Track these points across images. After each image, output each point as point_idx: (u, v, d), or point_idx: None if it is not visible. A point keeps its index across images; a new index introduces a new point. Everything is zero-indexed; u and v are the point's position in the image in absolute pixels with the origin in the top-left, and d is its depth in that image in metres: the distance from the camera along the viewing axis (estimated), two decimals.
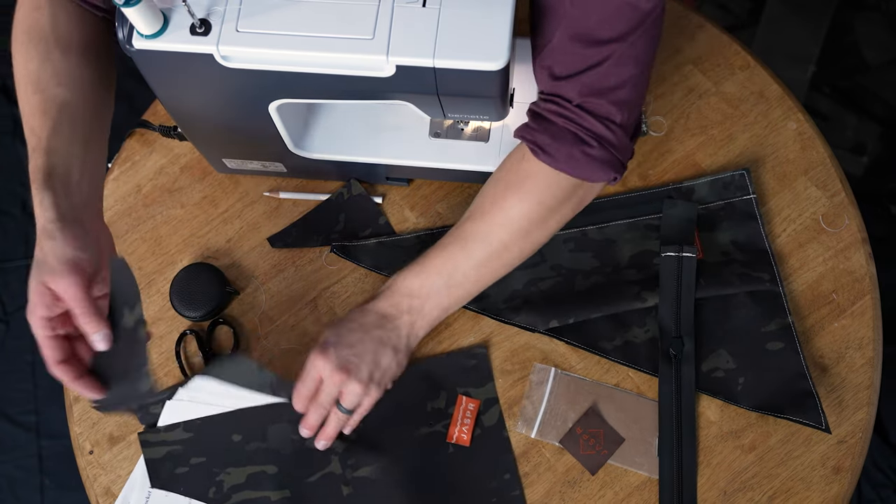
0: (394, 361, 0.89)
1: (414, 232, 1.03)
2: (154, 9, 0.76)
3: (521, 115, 0.98)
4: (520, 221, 0.87)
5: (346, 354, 0.86)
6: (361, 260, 1.02)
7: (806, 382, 0.94)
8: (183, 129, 0.95)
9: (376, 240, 1.02)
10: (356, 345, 0.87)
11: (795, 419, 0.93)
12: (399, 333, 0.89)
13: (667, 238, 0.99)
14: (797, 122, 1.06)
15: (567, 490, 0.94)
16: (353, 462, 0.94)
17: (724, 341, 0.97)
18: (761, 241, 1.00)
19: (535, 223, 0.88)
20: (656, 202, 1.02)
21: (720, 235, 1.01)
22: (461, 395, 0.96)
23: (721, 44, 1.09)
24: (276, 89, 0.84)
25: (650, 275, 0.99)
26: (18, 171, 1.88)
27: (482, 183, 1.02)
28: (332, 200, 1.05)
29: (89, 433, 0.99)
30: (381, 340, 0.88)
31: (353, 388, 0.86)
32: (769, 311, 0.97)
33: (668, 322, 0.96)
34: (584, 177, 0.84)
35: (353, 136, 1.00)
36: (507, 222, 0.87)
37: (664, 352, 0.96)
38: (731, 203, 1.02)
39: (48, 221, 0.75)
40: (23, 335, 1.78)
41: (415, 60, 0.76)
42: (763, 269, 0.98)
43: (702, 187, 1.02)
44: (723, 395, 0.95)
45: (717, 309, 0.97)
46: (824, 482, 0.93)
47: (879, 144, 1.83)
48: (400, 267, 0.92)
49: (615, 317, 0.98)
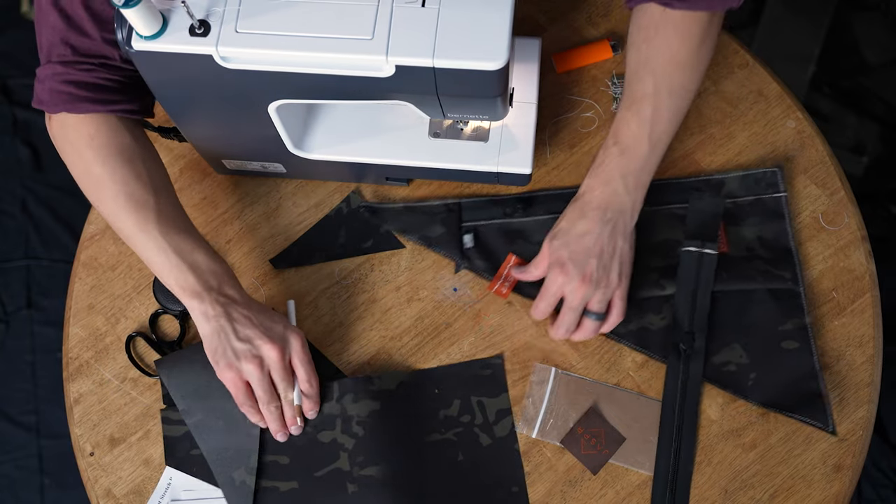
0: (626, 245, 0.93)
1: (442, 199, 1.03)
2: (153, 10, 0.76)
3: (520, 114, 0.98)
4: (678, 62, 0.90)
5: (582, 262, 0.92)
6: (388, 222, 1.03)
7: (816, 384, 0.95)
8: (182, 130, 0.95)
9: (404, 204, 1.03)
10: (591, 248, 0.92)
11: (802, 419, 0.94)
12: (625, 218, 0.93)
13: (691, 231, 1.00)
14: (796, 121, 1.06)
15: (568, 490, 0.94)
16: (361, 460, 0.94)
17: (738, 336, 0.97)
18: (787, 239, 1.00)
19: (690, 61, 0.90)
20: (684, 192, 1.02)
21: (746, 231, 1.01)
22: (511, 253, 1.00)
23: (720, 43, 1.09)
24: (275, 90, 0.83)
25: (672, 263, 0.99)
26: (18, 171, 1.88)
27: (482, 183, 1.03)
28: (331, 216, 1.05)
29: (90, 435, 0.99)
30: (611, 234, 0.92)
31: (600, 295, 0.93)
32: (787, 310, 0.97)
33: (682, 316, 0.97)
34: (721, 8, 0.86)
35: (353, 136, 1.00)
36: (676, 68, 0.90)
37: (674, 344, 0.96)
38: (761, 199, 1.02)
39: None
40: (23, 335, 1.78)
41: (414, 60, 0.76)
42: (785, 268, 0.99)
43: (732, 181, 1.02)
44: (732, 389, 0.95)
45: (736, 303, 0.98)
46: (825, 480, 0.94)
47: (879, 144, 1.83)
48: (425, 231, 0.99)
49: (633, 302, 0.98)
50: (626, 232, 0.93)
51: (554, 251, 0.93)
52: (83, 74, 0.85)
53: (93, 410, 0.99)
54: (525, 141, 0.98)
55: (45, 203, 1.86)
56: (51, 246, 1.84)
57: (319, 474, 0.94)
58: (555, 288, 0.93)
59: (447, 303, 1.01)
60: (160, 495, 0.96)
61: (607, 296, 0.94)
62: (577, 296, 0.92)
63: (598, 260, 0.92)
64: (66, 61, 0.85)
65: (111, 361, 1.01)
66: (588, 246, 0.92)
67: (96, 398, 1.00)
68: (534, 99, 0.99)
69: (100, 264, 1.05)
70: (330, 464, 0.94)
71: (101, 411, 0.99)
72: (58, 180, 1.87)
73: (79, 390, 1.00)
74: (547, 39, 1.09)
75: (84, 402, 1.00)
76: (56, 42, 0.84)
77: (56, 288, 1.81)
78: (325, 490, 0.94)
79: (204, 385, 0.94)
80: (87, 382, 1.00)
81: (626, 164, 0.92)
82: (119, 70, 0.87)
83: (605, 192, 0.93)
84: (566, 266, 0.92)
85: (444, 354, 0.99)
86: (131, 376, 1.00)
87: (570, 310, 0.93)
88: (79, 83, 0.85)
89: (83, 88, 0.85)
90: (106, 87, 0.87)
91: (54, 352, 1.77)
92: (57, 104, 0.86)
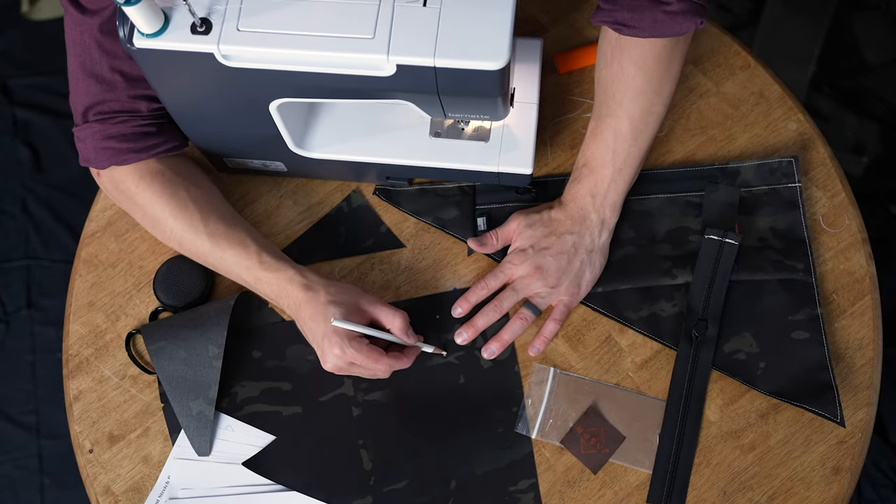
0: (588, 264, 0.97)
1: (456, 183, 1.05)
2: (155, 8, 0.76)
3: (521, 114, 0.98)
4: (643, 89, 0.92)
5: (541, 256, 0.95)
6: (403, 204, 1.04)
7: (827, 375, 0.95)
8: (183, 128, 0.95)
9: (419, 186, 1.04)
10: (554, 248, 0.96)
11: (811, 409, 0.94)
12: (592, 235, 0.96)
13: (708, 221, 1.00)
14: (797, 123, 1.06)
15: (567, 490, 0.94)
16: (365, 385, 0.97)
17: (749, 325, 0.97)
18: (801, 230, 1.00)
19: (649, 87, 0.92)
20: (699, 180, 1.03)
21: (760, 220, 1.01)
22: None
23: (721, 44, 1.09)
24: (276, 88, 0.84)
25: (684, 252, 1.00)
26: (18, 171, 1.88)
27: (482, 183, 1.03)
28: (332, 215, 1.05)
29: (89, 432, 0.99)
30: (575, 245, 0.96)
31: (544, 292, 0.96)
32: (799, 300, 0.98)
33: (697, 303, 0.97)
34: (674, 34, 0.87)
35: (354, 135, 1.00)
36: (634, 94, 0.92)
37: (687, 331, 0.97)
38: (776, 189, 1.02)
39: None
40: (23, 335, 1.78)
41: (415, 60, 0.76)
42: (798, 258, 0.99)
43: (748, 170, 1.03)
44: (741, 377, 0.96)
45: (747, 293, 0.98)
46: (824, 482, 0.93)
47: (879, 144, 1.83)
48: (439, 213, 1.01)
49: (644, 289, 0.99)
50: (591, 248, 0.97)
51: (524, 239, 0.97)
52: (121, 126, 0.91)
53: (92, 407, 0.99)
54: (526, 141, 0.98)
55: (45, 203, 1.86)
56: (51, 246, 1.84)
57: (324, 399, 0.97)
58: (509, 270, 0.97)
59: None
60: (158, 494, 0.96)
61: (552, 296, 0.97)
62: (524, 282, 0.96)
63: (555, 261, 0.96)
64: (102, 119, 0.91)
65: (111, 358, 1.01)
66: (552, 245, 0.96)
67: (96, 395, 1.00)
68: (535, 99, 0.99)
69: (100, 262, 1.05)
70: (334, 389, 0.97)
71: (101, 408, 0.99)
72: (58, 180, 1.87)
73: (78, 387, 1.00)
74: (549, 40, 1.09)
75: (84, 399, 1.00)
76: (90, 104, 0.90)
77: (56, 288, 1.81)
78: (329, 413, 0.97)
79: (175, 319, 0.98)
80: (87, 379, 1.00)
81: (593, 184, 0.96)
82: (150, 116, 0.92)
83: (574, 207, 0.97)
84: (527, 252, 0.97)
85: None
86: (131, 373, 1.00)
87: (511, 290, 0.97)
88: (119, 136, 0.91)
89: (124, 140, 0.91)
90: (144, 133, 0.92)
91: (54, 352, 1.77)
92: (103, 160, 0.92)
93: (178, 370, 0.96)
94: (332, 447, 0.96)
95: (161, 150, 0.94)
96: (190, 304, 1.00)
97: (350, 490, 0.95)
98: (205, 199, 0.96)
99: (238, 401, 0.98)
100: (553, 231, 0.96)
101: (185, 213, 0.94)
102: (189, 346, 0.96)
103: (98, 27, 0.84)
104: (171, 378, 0.96)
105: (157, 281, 1.01)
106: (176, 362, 0.96)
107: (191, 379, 0.96)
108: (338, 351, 0.88)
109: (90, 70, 0.87)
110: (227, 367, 0.98)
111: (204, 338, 0.96)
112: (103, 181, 0.97)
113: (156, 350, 0.96)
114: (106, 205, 1.07)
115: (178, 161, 0.99)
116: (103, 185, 0.98)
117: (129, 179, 0.94)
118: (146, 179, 0.94)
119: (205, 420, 0.95)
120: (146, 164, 0.94)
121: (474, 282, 1.01)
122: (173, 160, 0.97)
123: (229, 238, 0.94)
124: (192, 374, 0.96)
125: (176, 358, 0.96)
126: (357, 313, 0.90)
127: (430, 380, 0.98)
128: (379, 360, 0.89)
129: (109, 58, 0.86)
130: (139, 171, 0.94)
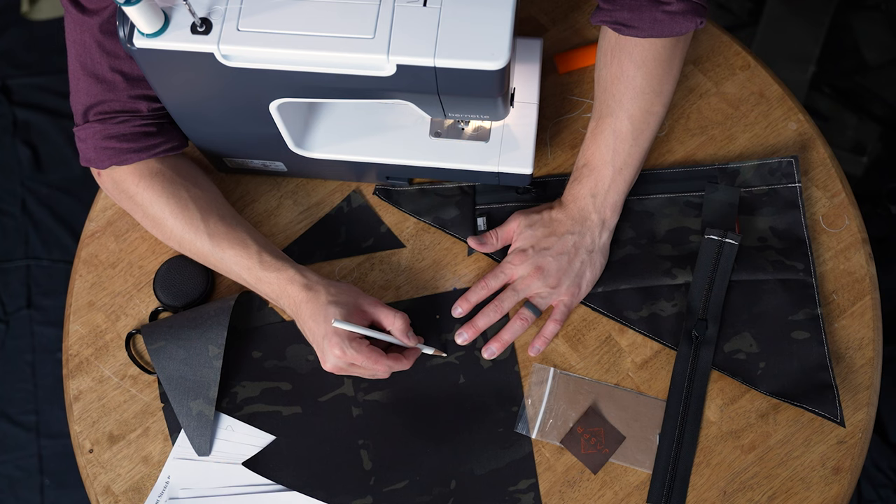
0: (588, 264, 0.96)
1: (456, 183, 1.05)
2: (155, 8, 0.76)
3: (521, 114, 0.99)
4: (643, 89, 0.92)
5: (542, 256, 0.95)
6: (403, 204, 1.04)
7: (827, 374, 0.95)
8: (183, 128, 0.95)
9: (419, 186, 1.04)
10: (555, 248, 0.96)
11: (811, 409, 0.94)
12: (592, 235, 0.96)
13: (708, 221, 1.00)
14: (798, 123, 1.06)
15: (567, 490, 0.94)
16: (365, 386, 0.98)
17: (749, 325, 0.97)
18: (800, 230, 1.01)
19: (649, 87, 0.92)
20: (699, 180, 1.03)
21: (759, 221, 1.01)
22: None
23: (721, 44, 1.09)
24: (276, 88, 0.84)
25: (684, 252, 1.00)
26: (18, 171, 1.88)
27: (482, 182, 1.03)
28: (332, 215, 1.05)
29: (89, 432, 0.99)
30: (575, 245, 0.96)
31: (545, 292, 0.96)
32: (799, 300, 0.98)
33: (697, 303, 0.98)
34: (674, 34, 0.87)
35: (354, 135, 1.00)
36: (634, 94, 0.92)
37: (687, 331, 0.97)
38: (776, 189, 1.02)
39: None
40: (23, 335, 1.78)
41: (415, 60, 0.76)
42: (798, 258, 0.99)
43: (747, 170, 1.03)
44: (741, 377, 0.96)
45: (747, 293, 0.98)
46: (824, 483, 0.94)
47: (879, 144, 1.83)
48: (439, 213, 1.01)
49: (644, 289, 0.99)
50: (592, 248, 0.96)
51: (524, 239, 0.97)
52: (121, 126, 0.91)
53: (92, 407, 0.99)
54: (526, 141, 0.98)
55: (45, 203, 1.86)
56: (51, 246, 1.84)
57: (324, 399, 0.97)
58: (510, 270, 0.97)
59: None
60: (158, 494, 0.96)
61: (552, 297, 0.96)
62: (524, 282, 0.96)
63: (556, 261, 0.95)
64: (102, 119, 0.91)
65: (111, 358, 1.01)
66: (553, 245, 0.96)
67: (96, 395, 1.00)
68: (535, 99, 0.99)
69: (100, 261, 1.05)
70: (334, 390, 0.97)
71: (101, 408, 0.99)
72: (58, 180, 1.87)
73: (78, 387, 1.00)
74: (549, 40, 1.09)
75: (84, 399, 1.00)
76: (91, 104, 0.90)
77: (56, 288, 1.81)
78: (329, 413, 0.97)
79: (175, 319, 0.97)
80: (87, 379, 1.00)
81: (593, 184, 0.96)
82: (150, 116, 0.92)
83: (574, 207, 0.97)
84: (527, 252, 0.96)
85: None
86: (131, 373, 1.00)
87: (512, 290, 0.97)
88: (119, 136, 0.91)
89: (124, 140, 0.91)
90: (144, 133, 0.92)
91: (54, 352, 1.77)
92: (104, 160, 0.93)
93: (178, 370, 0.96)
94: (332, 447, 0.96)
95: (161, 150, 0.94)
96: (190, 304, 1.00)
97: (350, 490, 0.95)
98: (205, 199, 0.96)
99: (238, 401, 0.98)
100: (553, 231, 0.97)
101: (185, 212, 0.94)
102: (189, 346, 0.96)
103: (98, 27, 0.84)
104: (171, 378, 0.96)
105: (157, 281, 1.01)
106: (176, 362, 0.96)
107: (191, 379, 0.96)
108: (338, 351, 0.88)
109: (90, 70, 0.88)
110: (227, 367, 0.98)
111: (204, 338, 0.96)
112: (104, 181, 0.97)
113: (156, 350, 0.96)
114: (106, 205, 1.07)
115: (179, 161, 0.99)
116: (104, 185, 0.98)
117: (129, 179, 0.94)
118: (146, 179, 0.94)
119: (205, 420, 0.95)
120: (146, 164, 0.94)
121: (474, 282, 1.01)
122: (173, 160, 0.98)
123: (230, 238, 0.94)
124: (192, 374, 0.96)
125: (176, 358, 0.96)
126: (357, 314, 0.90)
127: (430, 380, 0.98)
128: (379, 362, 0.89)
129: (110, 58, 0.86)
130: (139, 171, 0.94)
